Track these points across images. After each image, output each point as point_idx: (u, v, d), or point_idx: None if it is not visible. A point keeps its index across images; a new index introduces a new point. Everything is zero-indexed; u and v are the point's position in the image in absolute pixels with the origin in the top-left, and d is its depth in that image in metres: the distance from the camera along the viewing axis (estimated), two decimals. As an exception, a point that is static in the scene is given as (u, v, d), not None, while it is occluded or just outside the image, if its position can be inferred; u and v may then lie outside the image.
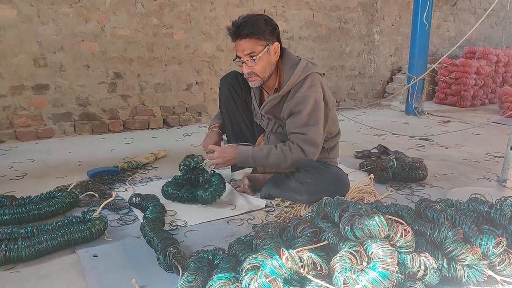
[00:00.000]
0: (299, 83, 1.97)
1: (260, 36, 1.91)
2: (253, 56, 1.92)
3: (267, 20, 1.95)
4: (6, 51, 3.35)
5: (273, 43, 1.95)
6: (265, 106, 2.09)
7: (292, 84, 1.97)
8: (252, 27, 1.89)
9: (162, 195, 2.16)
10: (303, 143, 1.96)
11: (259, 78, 1.99)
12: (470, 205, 1.67)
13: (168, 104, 4.20)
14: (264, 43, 1.92)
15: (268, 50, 1.94)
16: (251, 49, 1.91)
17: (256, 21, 1.91)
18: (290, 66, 2.00)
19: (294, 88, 1.98)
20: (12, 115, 3.47)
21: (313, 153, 1.99)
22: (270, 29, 1.94)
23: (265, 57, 1.94)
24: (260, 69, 1.96)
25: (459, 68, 5.64)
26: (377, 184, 2.45)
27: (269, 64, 1.98)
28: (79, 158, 3.00)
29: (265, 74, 1.99)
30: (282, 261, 1.18)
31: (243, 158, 2.03)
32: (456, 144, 3.60)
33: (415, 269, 1.28)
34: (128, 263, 1.57)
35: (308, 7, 4.97)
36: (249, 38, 1.90)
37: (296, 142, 1.97)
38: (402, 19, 5.92)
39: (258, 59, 1.93)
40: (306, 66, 1.99)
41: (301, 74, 1.97)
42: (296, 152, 1.96)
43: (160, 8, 3.96)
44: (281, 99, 2.04)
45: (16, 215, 1.85)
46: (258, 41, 1.91)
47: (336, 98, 5.51)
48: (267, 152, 2.01)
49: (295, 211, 2.04)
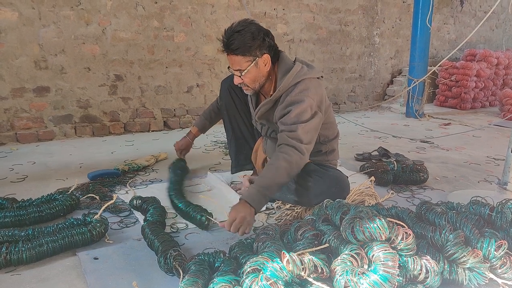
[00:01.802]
0: (291, 88, 1.93)
1: (246, 53, 1.88)
2: (240, 72, 1.92)
3: (255, 33, 1.89)
4: (7, 53, 3.36)
5: (262, 56, 1.92)
6: (258, 112, 2.07)
7: (283, 89, 1.95)
8: (238, 43, 1.86)
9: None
10: (292, 139, 1.86)
11: (250, 88, 2.00)
12: (471, 207, 1.67)
13: (169, 107, 4.20)
14: (251, 58, 1.90)
15: (256, 64, 1.92)
16: (238, 65, 1.91)
17: (243, 37, 1.86)
18: (284, 71, 1.98)
19: (286, 92, 1.95)
20: (13, 117, 3.47)
21: (306, 149, 1.88)
22: (258, 43, 1.89)
23: (253, 70, 1.93)
24: (249, 81, 1.96)
25: (460, 70, 5.64)
26: (377, 186, 2.44)
27: (258, 76, 1.96)
28: (80, 161, 3.00)
29: (255, 85, 1.99)
30: (283, 264, 1.18)
31: (258, 202, 1.77)
32: (456, 146, 3.60)
33: (416, 272, 1.28)
34: (129, 266, 1.57)
35: (308, 10, 4.98)
36: (235, 55, 1.89)
37: (285, 142, 1.86)
38: (403, 21, 5.93)
39: (244, 74, 1.92)
40: (299, 71, 1.96)
41: (293, 79, 1.94)
42: (293, 154, 1.84)
43: (161, 11, 3.97)
44: (274, 104, 2.02)
45: (17, 218, 1.85)
46: (244, 58, 1.89)
47: (336, 101, 5.51)
48: (273, 175, 1.80)
49: (296, 214, 2.04)
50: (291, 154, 1.82)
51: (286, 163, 1.81)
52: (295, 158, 1.83)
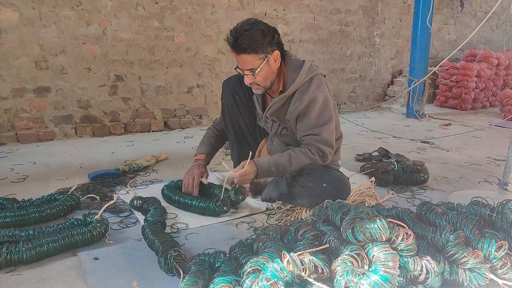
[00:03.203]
0: (305, 84, 1.97)
1: (258, 50, 1.87)
2: (253, 71, 1.91)
3: (264, 31, 1.89)
4: (8, 53, 3.36)
5: (272, 52, 1.92)
6: (270, 109, 2.08)
7: (297, 85, 1.97)
8: (249, 42, 1.85)
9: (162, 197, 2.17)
10: (319, 143, 1.96)
11: (261, 87, 1.99)
12: (471, 208, 1.67)
13: (169, 107, 4.20)
14: (263, 56, 1.90)
15: (267, 61, 1.92)
16: (250, 64, 1.90)
17: (253, 34, 1.85)
18: (294, 68, 2.00)
19: (300, 89, 1.98)
20: (13, 117, 3.47)
21: (330, 153, 1.99)
22: (269, 39, 1.90)
23: (265, 68, 1.93)
24: (261, 80, 1.96)
25: (460, 71, 5.64)
26: (378, 187, 2.44)
27: (270, 73, 1.96)
28: (80, 161, 3.00)
29: (267, 83, 1.99)
30: (284, 264, 1.18)
31: (266, 170, 1.95)
32: (457, 147, 3.60)
33: (417, 272, 1.28)
34: (129, 266, 1.57)
35: (309, 10, 4.98)
36: (247, 53, 1.87)
37: (312, 143, 1.96)
38: (403, 22, 5.93)
39: (257, 73, 1.91)
40: (311, 68, 2.00)
41: (307, 75, 1.97)
42: (316, 153, 1.96)
43: (161, 11, 3.97)
44: (286, 100, 2.03)
45: (17, 218, 1.85)
46: (256, 56, 1.88)
47: (337, 101, 5.51)
48: (288, 158, 1.95)
49: (296, 214, 2.04)
50: (315, 154, 1.96)
51: (307, 159, 1.96)
52: (316, 159, 1.97)
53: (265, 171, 1.96)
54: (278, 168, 1.96)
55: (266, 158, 2.01)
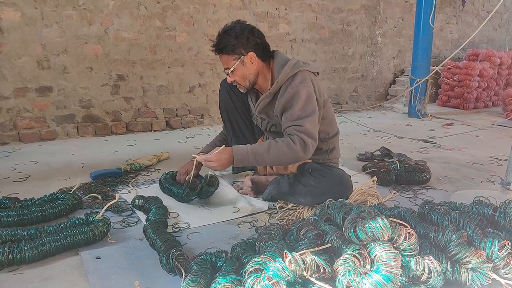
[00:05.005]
0: (289, 80, 1.99)
1: (230, 51, 1.98)
2: (228, 70, 2.03)
3: (238, 32, 1.98)
4: (10, 53, 3.37)
5: (247, 54, 2.00)
6: (258, 106, 2.13)
7: (281, 81, 2.00)
8: (223, 43, 1.98)
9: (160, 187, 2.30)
10: (301, 133, 1.92)
11: (242, 86, 2.09)
12: (474, 208, 1.67)
13: (171, 106, 4.20)
14: (236, 57, 1.99)
15: (242, 62, 2.00)
16: (225, 64, 2.03)
17: (228, 37, 1.97)
18: (280, 66, 2.04)
19: (285, 84, 2.00)
20: (15, 117, 3.48)
21: (312, 145, 1.94)
22: (242, 41, 1.98)
23: (240, 68, 2.01)
24: (240, 79, 2.05)
25: (462, 70, 5.62)
26: (380, 186, 2.44)
27: (246, 74, 2.04)
28: (82, 160, 3.01)
29: (246, 83, 2.07)
30: (285, 264, 1.18)
31: (241, 156, 1.91)
32: (459, 146, 3.59)
33: (419, 272, 1.28)
34: (131, 265, 1.57)
35: (310, 10, 4.98)
36: (221, 54, 2.01)
37: (295, 133, 1.93)
38: (405, 21, 5.92)
39: (232, 72, 2.02)
40: (296, 64, 2.03)
41: (290, 71, 2.00)
42: (298, 142, 1.90)
43: (163, 11, 3.97)
44: (273, 97, 2.07)
45: (20, 217, 1.85)
46: (229, 57, 2.00)
47: (338, 100, 5.50)
48: (267, 147, 1.92)
49: (298, 214, 2.04)
50: (296, 143, 1.91)
51: (287, 148, 1.91)
52: (297, 149, 1.91)
53: (240, 157, 1.91)
54: (255, 155, 1.91)
55: (245, 145, 1.97)
